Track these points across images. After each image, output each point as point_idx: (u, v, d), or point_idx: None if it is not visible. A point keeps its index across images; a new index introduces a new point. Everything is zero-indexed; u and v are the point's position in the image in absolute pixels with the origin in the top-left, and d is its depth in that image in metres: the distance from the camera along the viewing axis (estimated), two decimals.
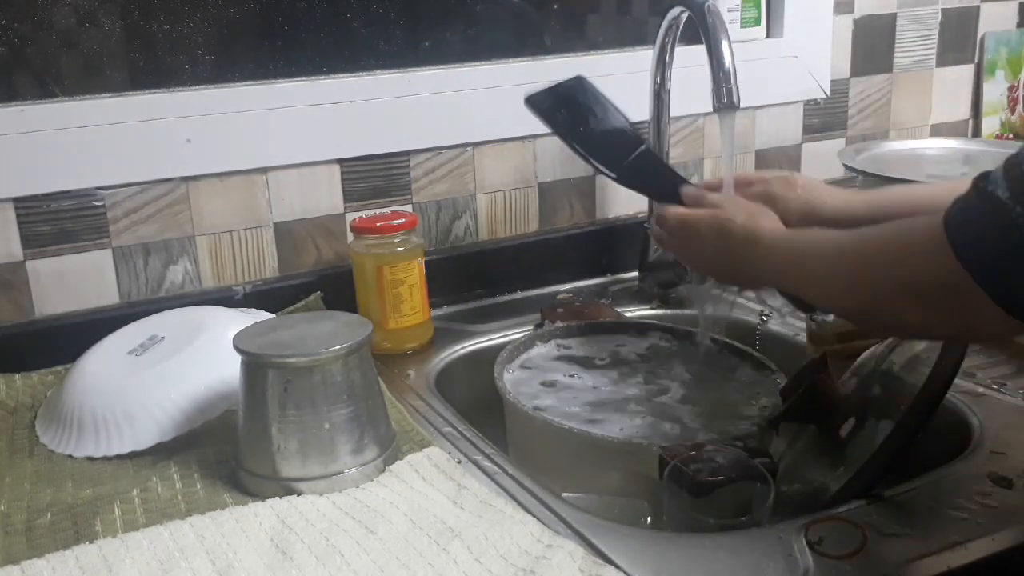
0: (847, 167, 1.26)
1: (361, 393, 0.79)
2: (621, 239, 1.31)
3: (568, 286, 1.27)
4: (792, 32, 1.41)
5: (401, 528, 0.72)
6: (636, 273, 1.27)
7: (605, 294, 1.25)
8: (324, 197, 1.16)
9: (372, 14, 1.19)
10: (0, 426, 0.92)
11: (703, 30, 0.98)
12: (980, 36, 1.59)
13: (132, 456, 0.85)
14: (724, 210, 0.82)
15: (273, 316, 1.00)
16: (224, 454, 0.84)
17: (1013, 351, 0.99)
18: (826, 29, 1.43)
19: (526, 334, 1.06)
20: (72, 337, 1.00)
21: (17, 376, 1.00)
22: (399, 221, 1.06)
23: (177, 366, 0.88)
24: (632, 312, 1.18)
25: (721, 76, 0.96)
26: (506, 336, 1.10)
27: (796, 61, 1.42)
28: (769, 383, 0.94)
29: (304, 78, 1.14)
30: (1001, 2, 1.60)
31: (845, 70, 1.47)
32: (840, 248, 0.69)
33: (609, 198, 1.33)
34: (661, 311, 1.19)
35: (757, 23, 1.40)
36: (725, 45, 0.96)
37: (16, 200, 1.02)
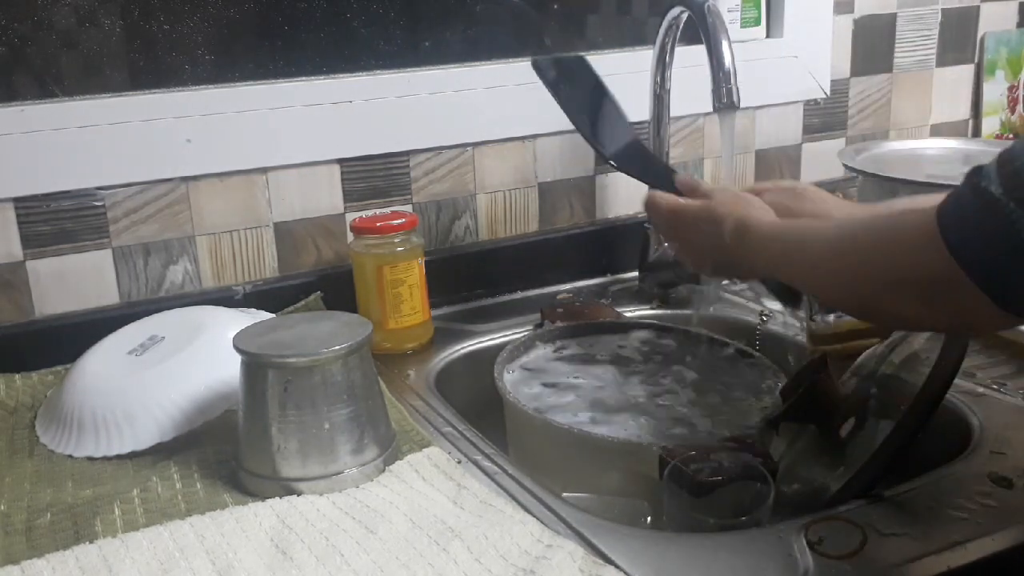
0: (847, 167, 1.26)
1: (361, 393, 0.79)
2: (621, 239, 1.30)
3: (568, 286, 1.27)
4: (792, 32, 1.41)
5: (401, 528, 0.72)
6: (636, 273, 1.26)
7: (605, 294, 1.25)
8: (324, 197, 1.16)
9: (372, 14, 1.19)
10: (0, 426, 0.92)
11: (703, 30, 0.98)
12: (980, 36, 1.59)
13: (132, 456, 0.85)
14: (716, 199, 0.81)
15: (273, 316, 1.00)
16: (224, 454, 0.84)
17: (1013, 351, 0.99)
18: (826, 29, 1.43)
19: (526, 334, 1.06)
20: (72, 337, 1.00)
21: (17, 376, 1.00)
22: (399, 221, 1.06)
23: (177, 366, 0.88)
24: (632, 312, 1.18)
25: (721, 76, 0.96)
26: (506, 336, 1.10)
27: (796, 61, 1.42)
28: (769, 383, 0.94)
29: (304, 78, 1.14)
30: (1001, 2, 1.60)
31: (845, 70, 1.47)
32: (834, 240, 0.68)
33: (609, 198, 1.33)
34: (661, 311, 1.19)
35: (757, 23, 1.40)
36: (725, 45, 0.96)
37: (16, 200, 1.02)
